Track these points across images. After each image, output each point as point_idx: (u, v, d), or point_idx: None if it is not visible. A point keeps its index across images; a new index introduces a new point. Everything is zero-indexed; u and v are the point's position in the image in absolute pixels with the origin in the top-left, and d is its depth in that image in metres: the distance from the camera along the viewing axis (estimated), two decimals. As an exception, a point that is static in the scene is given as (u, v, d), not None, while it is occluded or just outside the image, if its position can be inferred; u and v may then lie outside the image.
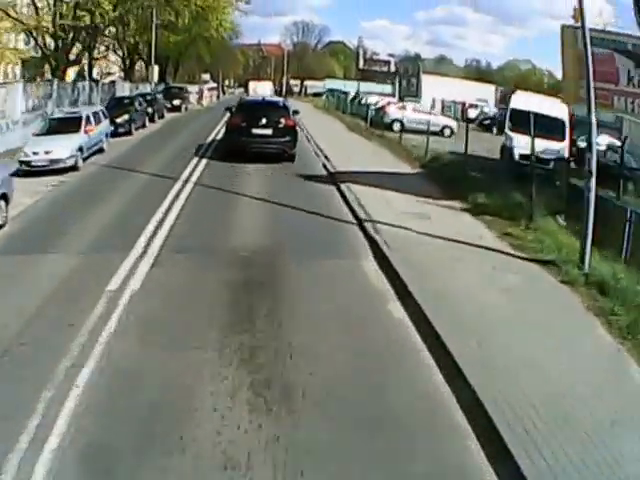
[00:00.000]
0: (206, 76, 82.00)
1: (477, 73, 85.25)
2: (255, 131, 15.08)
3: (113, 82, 30.39)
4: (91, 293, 6.54)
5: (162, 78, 42.25)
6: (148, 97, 25.26)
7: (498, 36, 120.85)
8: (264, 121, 15.14)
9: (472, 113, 38.75)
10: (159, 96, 28.13)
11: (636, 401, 4.61)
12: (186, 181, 12.94)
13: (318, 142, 19.96)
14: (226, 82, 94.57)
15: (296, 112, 17.87)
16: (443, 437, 4.27)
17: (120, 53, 35.35)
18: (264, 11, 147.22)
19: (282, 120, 15.41)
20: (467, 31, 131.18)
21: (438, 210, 10.78)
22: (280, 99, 22.41)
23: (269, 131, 15.15)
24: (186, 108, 32.79)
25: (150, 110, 24.00)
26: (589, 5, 10.88)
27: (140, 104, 22.65)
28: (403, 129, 22.34)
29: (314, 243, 8.86)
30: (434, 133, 21.70)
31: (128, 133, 20.80)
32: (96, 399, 4.60)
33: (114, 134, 18.59)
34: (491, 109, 44.88)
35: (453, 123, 25.54)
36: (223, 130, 18.35)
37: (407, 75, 59.24)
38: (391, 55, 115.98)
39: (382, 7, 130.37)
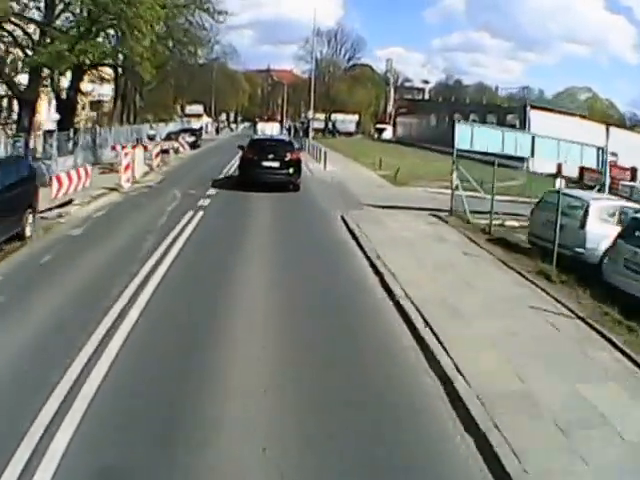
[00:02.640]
0: (196, 108, 60.95)
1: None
2: (265, 164, 16.74)
3: None
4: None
5: (66, 120, 20.74)
6: None
7: (516, 62, 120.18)
8: (272, 155, 16.84)
9: None
10: None
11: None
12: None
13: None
14: (222, 116, 72.97)
15: None
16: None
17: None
18: (271, 39, 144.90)
19: (288, 154, 17.07)
20: (484, 57, 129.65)
21: None
22: (286, 137, 26.48)
23: (277, 164, 16.78)
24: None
25: None
26: None
27: None
28: None
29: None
30: None
31: None
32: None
33: None
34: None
35: None
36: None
37: (502, 111, 37.77)
38: (425, 82, 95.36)
39: (396, 34, 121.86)
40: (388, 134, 65.93)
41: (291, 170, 16.80)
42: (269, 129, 42.43)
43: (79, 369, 5.10)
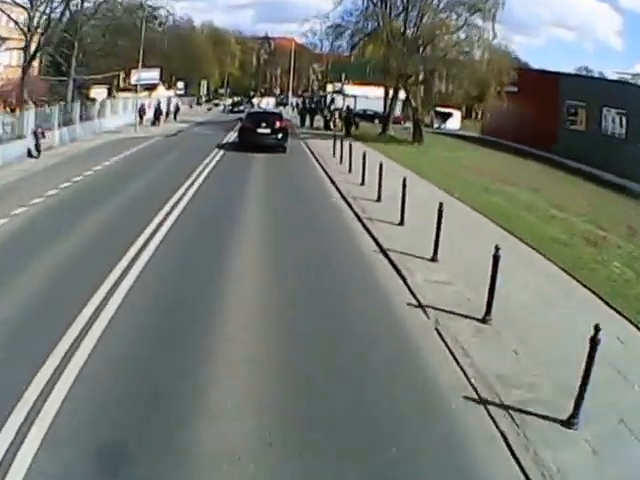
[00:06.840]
0: (147, 75, 39.15)
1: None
2: (259, 130, 20.74)
3: None
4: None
5: None
6: None
7: (507, 43, 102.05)
8: (264, 124, 20.87)
9: None
10: None
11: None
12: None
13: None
14: (180, 85, 50.88)
15: None
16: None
17: None
18: (271, 18, 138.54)
19: (277, 123, 21.00)
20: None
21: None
22: (276, 110, 29.73)
23: (268, 130, 20.73)
24: None
25: None
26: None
27: None
28: None
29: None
30: None
31: None
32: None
33: None
34: None
35: None
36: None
37: None
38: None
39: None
40: (454, 124, 45.41)
41: (280, 135, 20.83)
42: (264, 104, 42.15)
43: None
